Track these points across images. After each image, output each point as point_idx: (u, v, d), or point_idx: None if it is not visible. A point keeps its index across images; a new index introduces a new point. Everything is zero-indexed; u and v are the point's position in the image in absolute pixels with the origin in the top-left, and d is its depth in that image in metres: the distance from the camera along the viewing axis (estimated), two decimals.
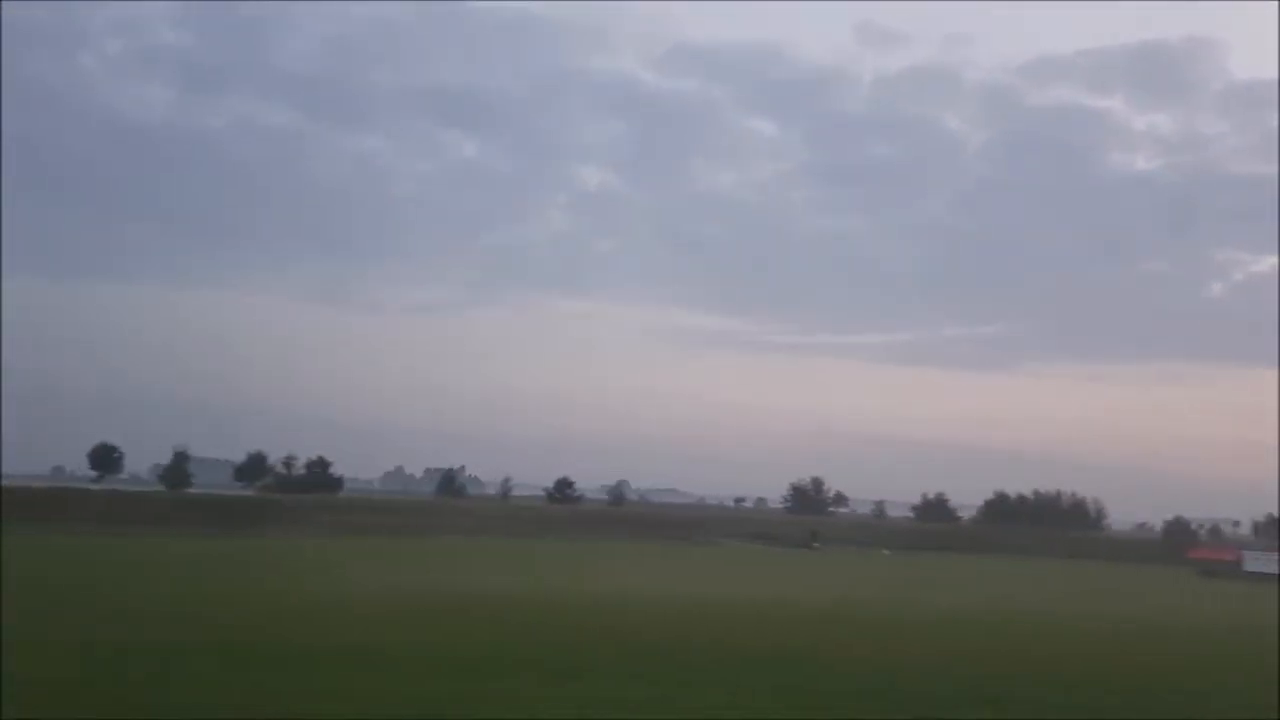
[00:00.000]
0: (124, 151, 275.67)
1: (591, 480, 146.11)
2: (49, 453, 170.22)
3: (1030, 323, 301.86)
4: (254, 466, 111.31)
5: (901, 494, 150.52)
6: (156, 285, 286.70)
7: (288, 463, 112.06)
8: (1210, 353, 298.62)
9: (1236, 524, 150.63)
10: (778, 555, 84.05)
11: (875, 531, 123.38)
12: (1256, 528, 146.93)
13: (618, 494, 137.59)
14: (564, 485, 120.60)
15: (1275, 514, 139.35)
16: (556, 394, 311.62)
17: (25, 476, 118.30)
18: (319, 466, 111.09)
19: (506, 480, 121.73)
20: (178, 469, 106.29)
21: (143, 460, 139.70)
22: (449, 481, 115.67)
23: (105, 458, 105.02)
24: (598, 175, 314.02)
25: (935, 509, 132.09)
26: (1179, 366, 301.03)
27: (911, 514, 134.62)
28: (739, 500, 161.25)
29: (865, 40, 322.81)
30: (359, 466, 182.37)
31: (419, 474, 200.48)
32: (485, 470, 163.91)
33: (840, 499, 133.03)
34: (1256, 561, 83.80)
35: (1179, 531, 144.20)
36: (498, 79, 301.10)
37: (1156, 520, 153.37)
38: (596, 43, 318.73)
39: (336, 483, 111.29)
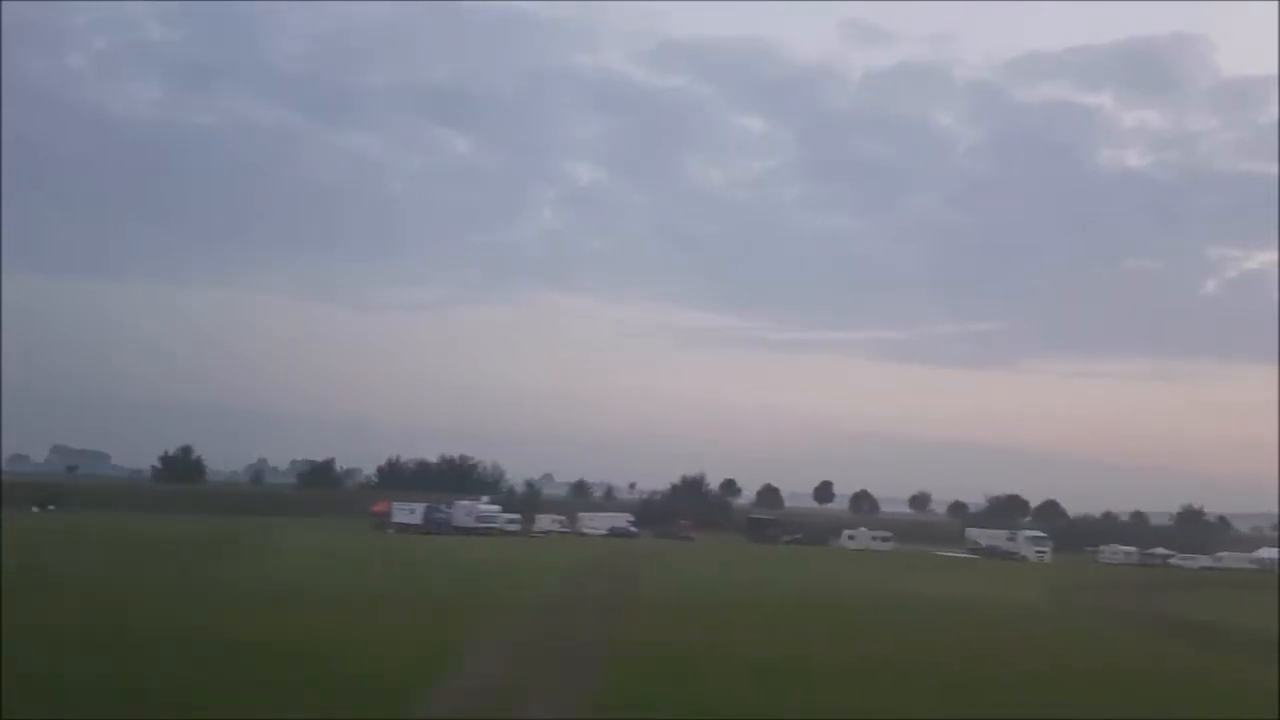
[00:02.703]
0: (116, 149, 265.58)
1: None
2: None
3: (1024, 320, 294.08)
4: None
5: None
6: (151, 282, 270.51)
7: None
8: (1205, 349, 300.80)
9: (631, 485, 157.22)
10: None
11: (239, 499, 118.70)
12: (757, 495, 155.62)
13: None
14: None
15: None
16: (537, 390, 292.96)
17: None
18: None
19: None
20: None
21: None
22: None
23: None
24: (589, 172, 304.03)
25: (320, 473, 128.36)
26: (1174, 363, 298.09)
27: (295, 480, 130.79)
28: (71, 469, 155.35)
29: (852, 37, 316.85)
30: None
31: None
32: None
33: (200, 468, 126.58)
34: (401, 513, 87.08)
35: (581, 494, 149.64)
36: (487, 77, 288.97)
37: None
38: (584, 40, 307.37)
39: None
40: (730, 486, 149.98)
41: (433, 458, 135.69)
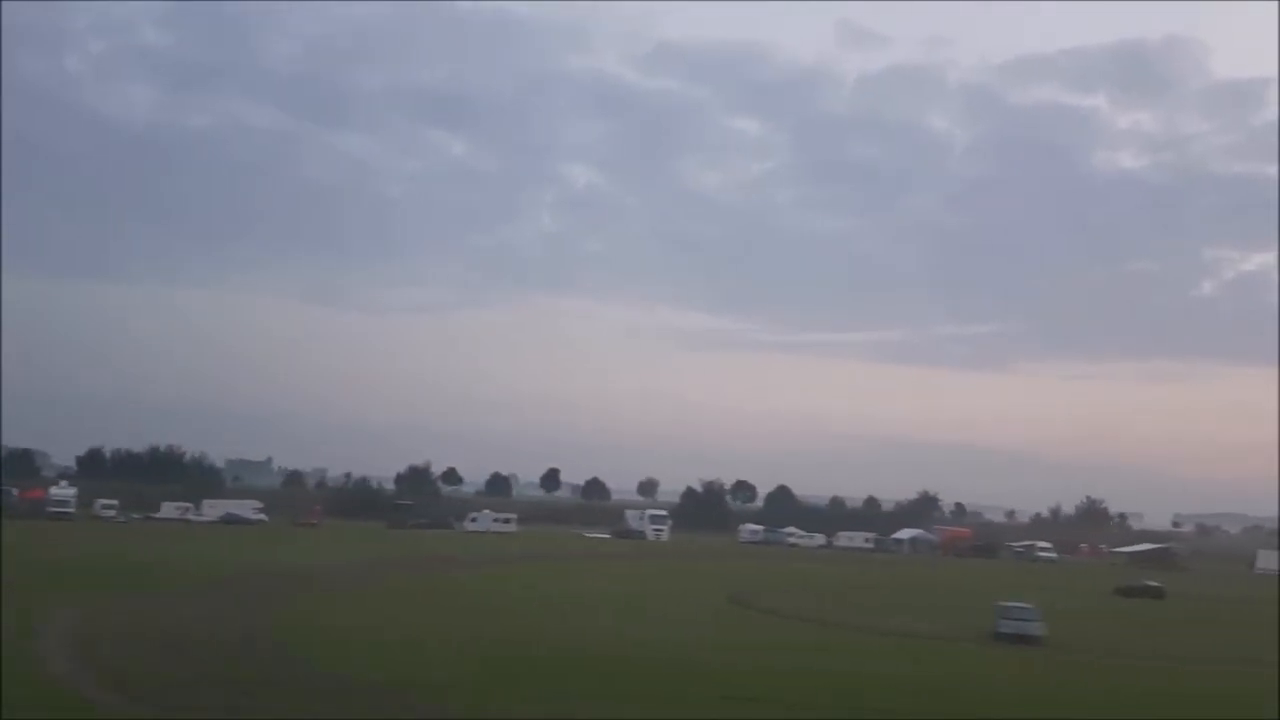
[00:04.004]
0: (115, 150, 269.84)
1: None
2: None
3: (1021, 322, 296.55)
4: None
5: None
6: (149, 284, 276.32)
7: None
8: (1202, 351, 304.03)
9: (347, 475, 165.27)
10: None
11: None
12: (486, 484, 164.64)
13: None
14: None
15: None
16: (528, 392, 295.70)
17: None
18: None
19: None
20: None
21: None
22: None
23: None
24: (585, 175, 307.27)
25: (18, 462, 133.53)
26: (1172, 365, 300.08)
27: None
28: None
29: (846, 41, 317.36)
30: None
31: None
32: None
33: None
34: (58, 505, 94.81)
35: (295, 484, 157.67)
36: (482, 79, 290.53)
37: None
38: (579, 43, 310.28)
39: None
40: (452, 475, 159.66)
41: (139, 447, 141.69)
